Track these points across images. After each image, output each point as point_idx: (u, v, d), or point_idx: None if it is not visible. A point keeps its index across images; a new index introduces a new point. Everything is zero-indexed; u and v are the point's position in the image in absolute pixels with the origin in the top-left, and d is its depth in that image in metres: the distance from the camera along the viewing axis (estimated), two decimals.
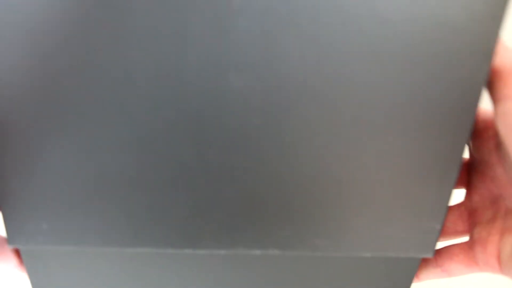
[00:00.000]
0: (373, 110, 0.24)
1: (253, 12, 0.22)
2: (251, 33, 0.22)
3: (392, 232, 0.27)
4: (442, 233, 0.30)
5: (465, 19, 0.22)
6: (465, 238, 0.47)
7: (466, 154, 0.49)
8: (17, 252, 0.29)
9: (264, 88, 0.23)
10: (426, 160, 0.25)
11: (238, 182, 0.25)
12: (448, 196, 0.26)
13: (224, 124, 0.24)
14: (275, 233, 0.27)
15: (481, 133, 0.26)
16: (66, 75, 0.23)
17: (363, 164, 0.25)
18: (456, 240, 0.31)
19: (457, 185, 0.29)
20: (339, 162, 0.25)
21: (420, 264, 0.30)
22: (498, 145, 0.25)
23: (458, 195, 0.51)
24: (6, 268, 0.29)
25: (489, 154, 0.26)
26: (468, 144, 0.28)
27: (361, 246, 0.27)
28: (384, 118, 0.24)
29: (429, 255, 0.28)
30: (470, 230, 0.28)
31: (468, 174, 0.28)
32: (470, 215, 0.28)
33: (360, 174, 0.25)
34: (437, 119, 0.24)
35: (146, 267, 0.30)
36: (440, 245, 0.46)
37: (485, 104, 0.51)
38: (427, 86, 0.23)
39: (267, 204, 0.26)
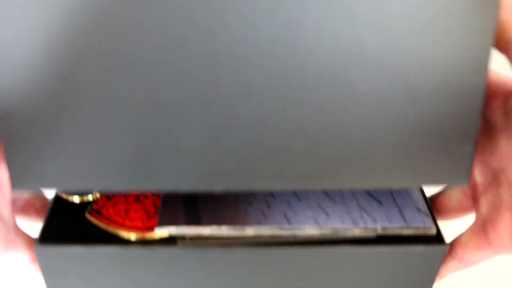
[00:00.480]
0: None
1: None
2: None
3: (423, 160, 0.25)
4: (448, 211, 0.29)
5: None
6: (473, 217, 0.47)
7: None
8: (31, 247, 0.29)
9: None
10: (452, 81, 0.23)
11: (254, 106, 0.23)
12: (476, 114, 0.24)
13: (234, 35, 0.22)
14: (298, 165, 0.25)
15: (488, 102, 0.26)
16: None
17: (388, 93, 0.23)
18: (463, 216, 0.31)
19: None
20: (362, 87, 0.23)
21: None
22: (507, 113, 0.25)
23: None
24: (19, 263, 0.29)
25: (494, 123, 0.26)
26: None
27: (390, 177, 0.25)
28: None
29: (464, 184, 0.26)
30: (475, 206, 0.28)
31: None
32: (473, 190, 0.28)
33: (386, 103, 0.24)
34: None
35: (156, 270, 0.30)
36: (451, 238, 0.45)
37: None
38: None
39: (287, 132, 0.24)
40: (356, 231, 0.29)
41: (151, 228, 0.29)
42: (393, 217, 0.30)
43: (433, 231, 0.29)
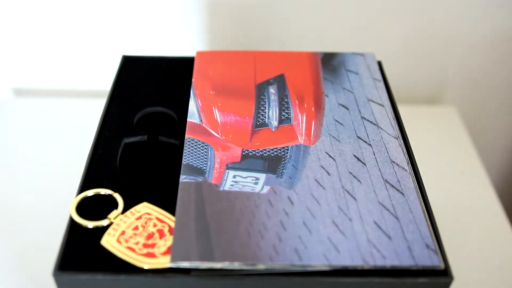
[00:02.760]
0: None
1: None
2: None
3: None
4: None
5: None
6: None
7: None
8: None
9: None
10: None
11: None
12: None
13: None
14: None
15: None
16: None
17: None
18: None
19: None
20: None
21: None
22: None
23: None
24: None
25: None
26: None
27: None
28: None
29: None
30: None
31: None
32: None
33: None
34: None
35: None
36: (458, 270, 0.46)
37: None
38: None
39: None
40: (366, 267, 0.30)
41: (164, 259, 0.30)
42: (402, 255, 0.30)
43: (441, 268, 0.30)
